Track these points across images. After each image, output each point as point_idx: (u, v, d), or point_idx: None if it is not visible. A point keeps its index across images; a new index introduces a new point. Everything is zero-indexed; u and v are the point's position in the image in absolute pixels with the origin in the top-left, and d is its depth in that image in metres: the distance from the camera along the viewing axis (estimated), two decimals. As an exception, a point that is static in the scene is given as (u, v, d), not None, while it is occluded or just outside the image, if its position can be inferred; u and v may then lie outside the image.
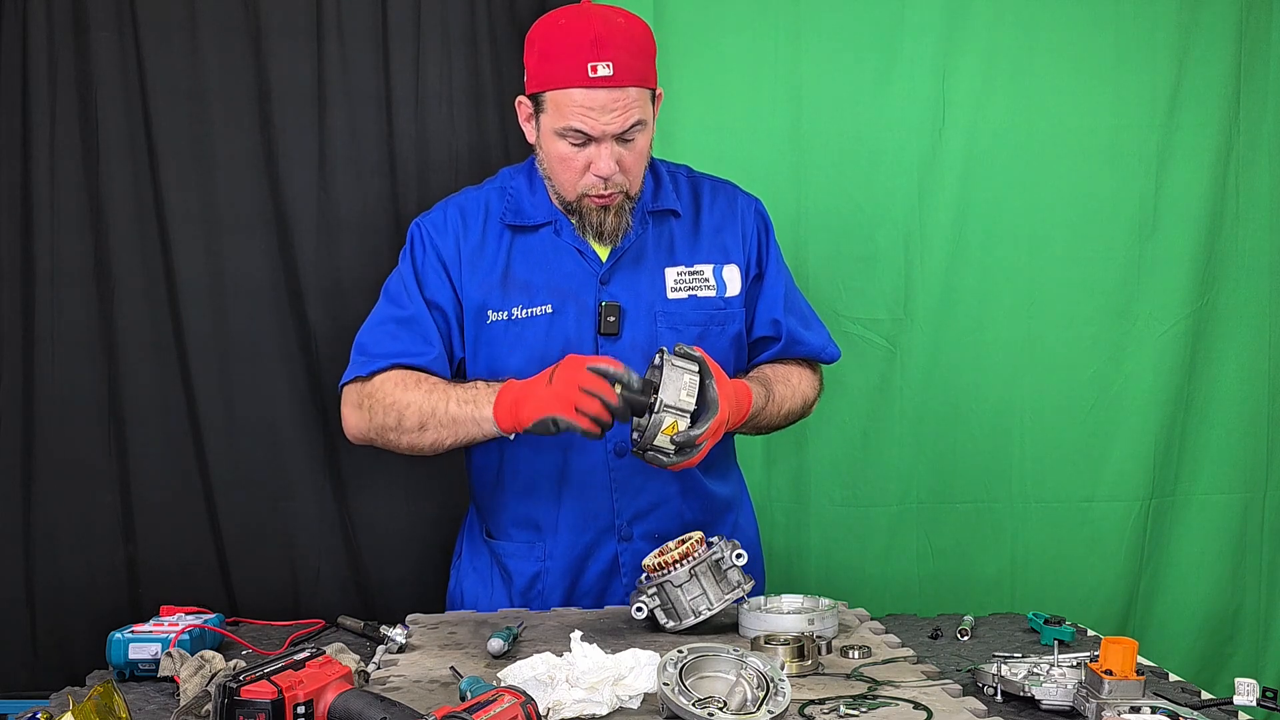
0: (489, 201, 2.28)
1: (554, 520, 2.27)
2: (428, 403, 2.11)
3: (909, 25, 2.96)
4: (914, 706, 1.64)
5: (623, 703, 1.63)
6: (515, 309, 2.21)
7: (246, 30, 2.88)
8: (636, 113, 2.11)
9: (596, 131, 2.10)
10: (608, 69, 2.06)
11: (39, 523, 2.90)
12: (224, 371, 2.91)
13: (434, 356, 2.19)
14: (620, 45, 2.09)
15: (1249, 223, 3.04)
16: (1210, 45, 2.99)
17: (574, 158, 2.13)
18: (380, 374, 2.18)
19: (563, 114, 2.10)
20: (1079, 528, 3.05)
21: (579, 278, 2.23)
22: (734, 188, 2.38)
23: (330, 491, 2.95)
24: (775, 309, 2.33)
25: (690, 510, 2.30)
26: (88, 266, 2.88)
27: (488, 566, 2.35)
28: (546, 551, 2.28)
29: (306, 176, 2.90)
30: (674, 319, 2.24)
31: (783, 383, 2.30)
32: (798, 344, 2.35)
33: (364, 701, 1.49)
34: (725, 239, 2.31)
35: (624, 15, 2.16)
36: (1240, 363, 3.06)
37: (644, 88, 2.13)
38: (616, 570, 2.28)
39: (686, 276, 2.27)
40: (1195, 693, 1.80)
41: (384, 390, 2.15)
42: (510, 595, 2.31)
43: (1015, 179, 3.00)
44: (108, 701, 1.55)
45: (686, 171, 2.37)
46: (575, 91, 2.08)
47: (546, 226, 2.25)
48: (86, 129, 2.86)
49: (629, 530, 2.27)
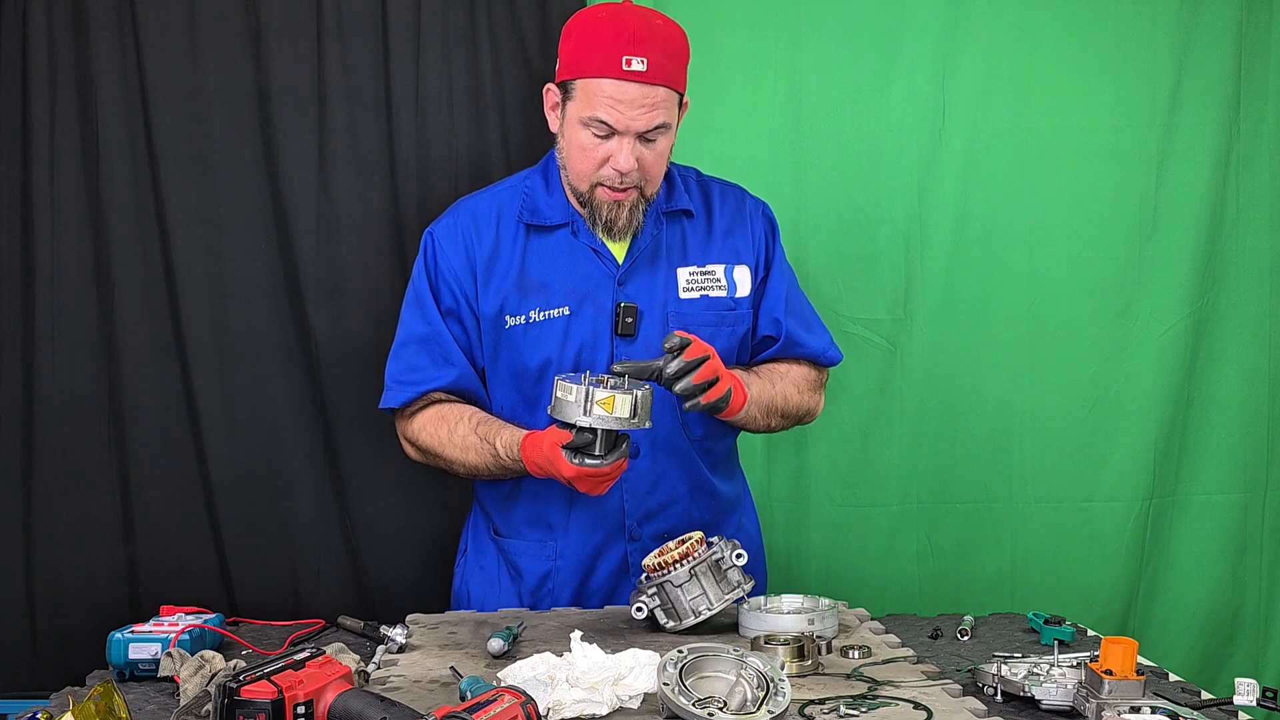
0: (501, 203, 2.29)
1: (565, 520, 2.29)
2: (469, 460, 2.22)
3: (909, 25, 2.96)
4: (914, 706, 1.64)
5: (623, 703, 1.63)
6: (533, 311, 2.23)
7: (246, 30, 2.88)
8: (662, 114, 2.13)
9: (621, 125, 2.11)
10: (641, 64, 2.08)
11: (39, 523, 2.89)
12: (224, 371, 2.91)
13: (457, 375, 2.25)
14: (657, 44, 2.11)
15: (1249, 223, 3.04)
16: (1210, 45, 2.99)
17: (594, 149, 2.15)
18: (418, 414, 2.28)
19: (590, 103, 2.11)
20: (1079, 528, 3.06)
21: (596, 279, 2.24)
22: (742, 190, 2.41)
23: (330, 491, 2.95)
24: (777, 309, 2.35)
25: (699, 509, 2.32)
26: (88, 266, 2.88)
27: (495, 565, 2.37)
28: (558, 551, 2.30)
29: (306, 176, 2.90)
30: (685, 319, 2.26)
31: (770, 371, 2.33)
32: (796, 345, 2.37)
33: (364, 701, 1.49)
34: (736, 240, 2.33)
35: (663, 19, 2.17)
36: (1240, 363, 3.06)
37: (673, 90, 2.15)
38: (626, 570, 2.29)
39: (699, 276, 2.29)
40: (1195, 693, 1.80)
41: (423, 437, 2.27)
42: (520, 594, 2.32)
43: (1015, 179, 3.00)
44: (108, 701, 1.55)
45: (695, 174, 2.39)
46: (606, 82, 2.09)
47: (563, 228, 2.26)
48: (86, 129, 2.85)
49: (639, 531, 2.28)
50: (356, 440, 2.91)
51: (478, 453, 2.20)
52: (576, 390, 1.97)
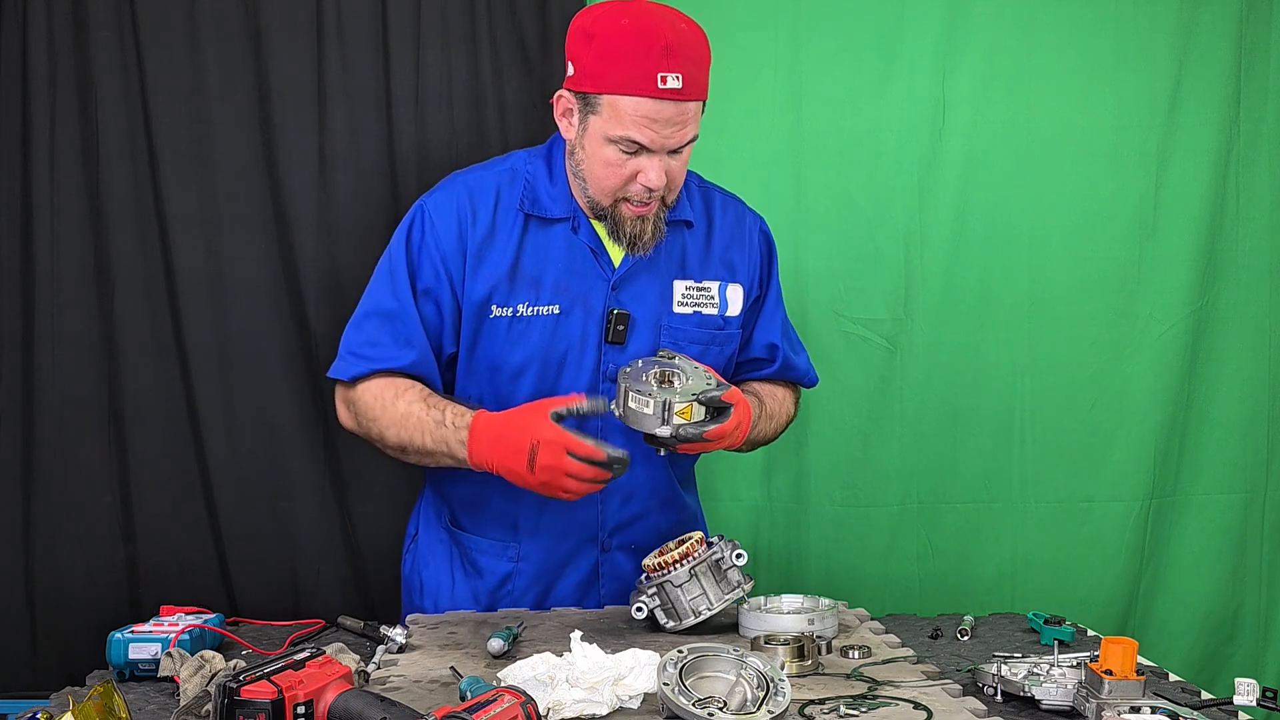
0: (501, 184, 2.18)
1: (534, 523, 2.22)
2: (404, 432, 2.10)
3: (909, 25, 2.96)
4: (914, 706, 1.64)
5: (623, 703, 1.63)
6: (521, 305, 2.14)
7: (246, 30, 2.88)
8: (694, 128, 2.05)
9: (656, 144, 2.02)
10: (677, 81, 1.97)
11: (39, 523, 2.89)
12: (224, 371, 2.91)
13: (414, 359, 2.14)
14: (690, 56, 2.00)
15: (1249, 223, 3.04)
16: (1210, 45, 2.99)
17: (621, 165, 2.05)
18: (363, 381, 2.16)
19: (621, 122, 2.00)
20: (1079, 528, 3.05)
21: (590, 280, 2.16)
22: (741, 203, 2.35)
23: (330, 491, 2.95)
24: (773, 334, 2.32)
25: (666, 522, 2.29)
26: (88, 266, 2.88)
27: (447, 555, 2.30)
28: (521, 553, 2.24)
29: (306, 176, 2.90)
30: (677, 334, 2.20)
31: (770, 397, 2.30)
32: (790, 370, 2.36)
33: (364, 701, 1.49)
34: (733, 256, 2.27)
35: (685, 20, 2.06)
36: (1240, 363, 3.06)
37: (703, 101, 2.06)
38: (596, 579, 2.25)
39: (694, 292, 2.22)
40: (1195, 693, 1.80)
41: (365, 402, 2.16)
42: (476, 592, 2.26)
43: (1015, 179, 3.00)
44: (108, 701, 1.55)
45: (698, 180, 2.31)
46: (643, 101, 1.98)
47: (564, 222, 2.17)
48: (86, 129, 2.86)
49: (610, 541, 2.24)
50: (356, 440, 2.90)
51: (418, 422, 2.07)
52: (653, 402, 1.94)
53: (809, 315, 2.98)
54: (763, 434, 2.26)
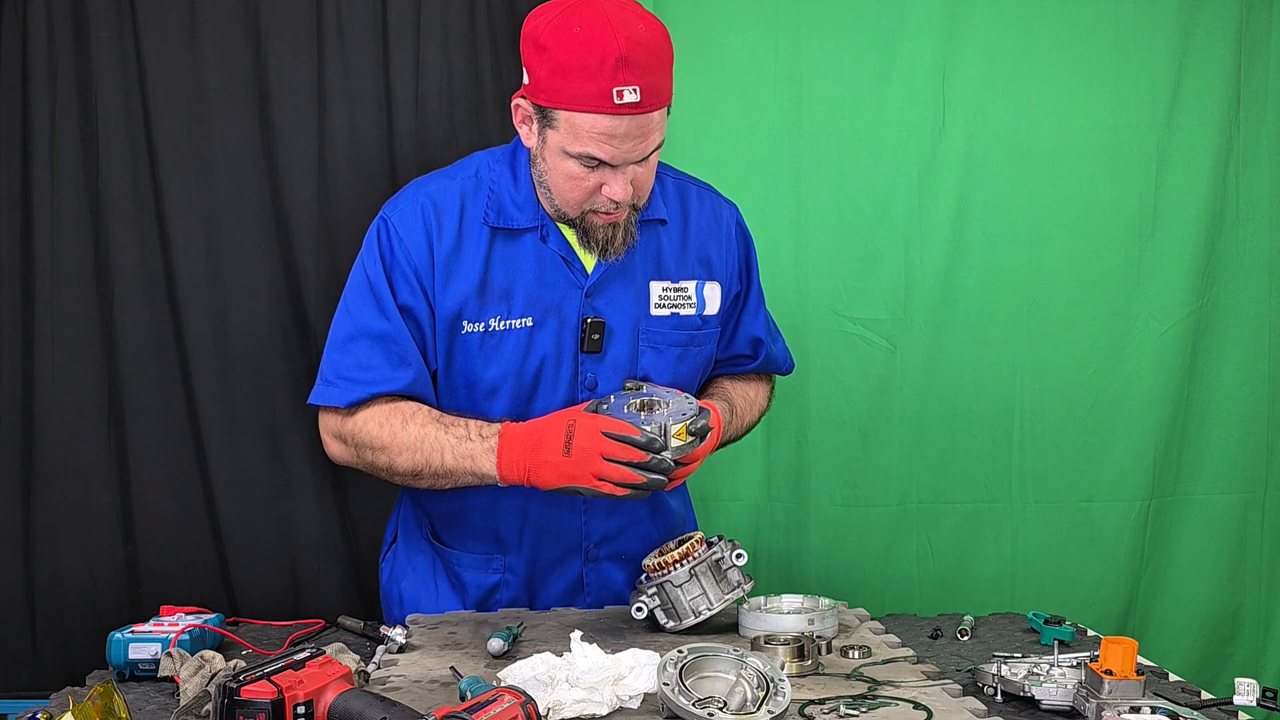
0: (465, 191, 2.07)
1: (518, 536, 2.17)
2: (420, 454, 2.00)
3: (909, 25, 2.97)
4: (914, 706, 1.64)
5: (623, 703, 1.63)
6: (493, 320, 2.05)
7: (246, 30, 2.88)
8: (658, 135, 1.95)
9: (617, 160, 1.93)
10: (634, 94, 1.86)
11: (39, 523, 2.90)
12: (224, 371, 2.91)
13: (412, 379, 2.04)
14: (646, 65, 1.88)
15: (1249, 223, 3.04)
16: (1210, 45, 2.99)
17: (584, 178, 1.96)
18: (362, 409, 2.04)
19: (579, 139, 1.91)
20: (1079, 528, 3.06)
21: (562, 289, 2.07)
22: (716, 194, 2.25)
23: (330, 491, 2.95)
24: (758, 329, 2.28)
25: (656, 529, 2.25)
26: (88, 266, 2.88)
27: (429, 567, 2.24)
28: (506, 565, 2.19)
29: (306, 176, 2.90)
30: (655, 338, 2.13)
31: (742, 397, 2.26)
32: (770, 362, 2.32)
33: (364, 701, 1.49)
34: (710, 253, 2.19)
35: (643, 18, 1.93)
36: (1240, 363, 3.06)
37: (665, 107, 1.96)
38: (581, 588, 2.22)
39: (671, 293, 2.14)
40: (1195, 693, 1.80)
41: (367, 432, 2.03)
42: (464, 604, 2.21)
43: (1015, 179, 3.00)
44: (108, 701, 1.55)
45: (672, 174, 2.21)
46: (600, 118, 1.88)
47: (531, 232, 2.07)
48: (86, 129, 2.86)
49: (596, 552, 2.21)
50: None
51: (435, 442, 1.98)
52: (652, 427, 1.91)
53: (809, 315, 2.99)
54: (729, 438, 2.21)
